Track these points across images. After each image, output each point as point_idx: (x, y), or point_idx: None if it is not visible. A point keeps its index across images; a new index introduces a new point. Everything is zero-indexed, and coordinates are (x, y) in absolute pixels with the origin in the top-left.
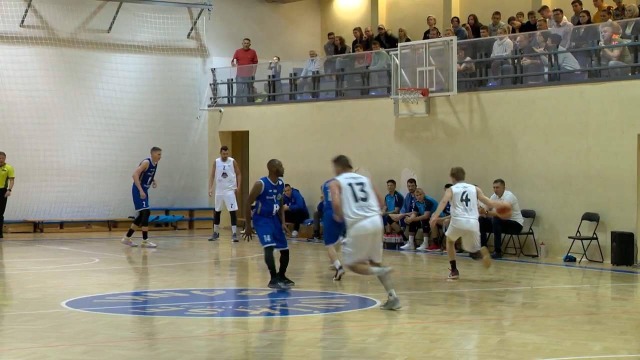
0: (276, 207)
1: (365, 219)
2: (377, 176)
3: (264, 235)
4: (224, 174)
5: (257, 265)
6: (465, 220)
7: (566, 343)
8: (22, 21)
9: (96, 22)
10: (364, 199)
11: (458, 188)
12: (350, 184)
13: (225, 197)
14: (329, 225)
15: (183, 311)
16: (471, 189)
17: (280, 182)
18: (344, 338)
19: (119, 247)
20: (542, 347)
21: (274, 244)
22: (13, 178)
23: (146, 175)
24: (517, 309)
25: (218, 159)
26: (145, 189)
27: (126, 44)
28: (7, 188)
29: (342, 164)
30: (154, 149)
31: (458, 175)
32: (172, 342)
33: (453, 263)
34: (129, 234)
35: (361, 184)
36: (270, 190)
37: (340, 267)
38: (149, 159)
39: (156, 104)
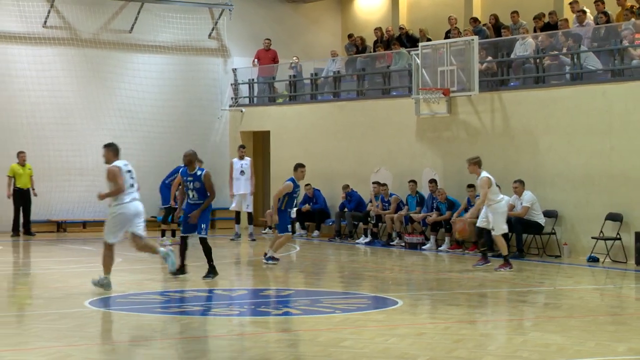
0: (192, 194)
1: (132, 201)
2: (398, 176)
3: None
4: (242, 172)
5: (278, 265)
6: (506, 202)
7: (590, 344)
8: (45, 22)
9: (118, 22)
10: (133, 185)
11: (490, 176)
12: (126, 171)
13: (243, 197)
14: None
15: (205, 311)
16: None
17: (199, 172)
18: (366, 338)
19: None
20: (566, 347)
21: (184, 234)
22: (32, 176)
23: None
24: (540, 309)
25: (235, 159)
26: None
27: (148, 44)
28: (32, 188)
29: (114, 151)
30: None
31: (481, 163)
32: (194, 342)
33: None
34: (172, 235)
35: (130, 171)
36: (184, 178)
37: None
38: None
39: (178, 104)
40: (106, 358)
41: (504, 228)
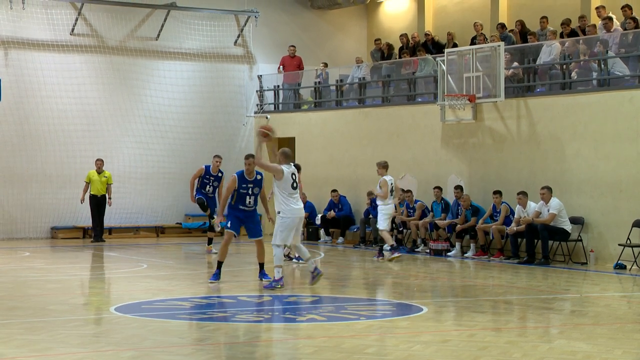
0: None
1: None
2: (423, 183)
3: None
4: None
5: (304, 271)
6: (393, 206)
7: (616, 352)
8: (72, 29)
9: (144, 30)
10: None
11: (390, 180)
12: None
13: None
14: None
15: (230, 317)
16: (393, 180)
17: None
18: (390, 345)
19: (166, 253)
20: (592, 355)
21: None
22: (111, 184)
23: (203, 183)
24: (566, 316)
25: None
26: (203, 194)
27: (174, 51)
28: (109, 197)
29: None
30: (213, 157)
31: (387, 166)
32: (220, 348)
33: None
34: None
35: None
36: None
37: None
38: (206, 166)
39: (203, 111)
40: None
41: (386, 225)
